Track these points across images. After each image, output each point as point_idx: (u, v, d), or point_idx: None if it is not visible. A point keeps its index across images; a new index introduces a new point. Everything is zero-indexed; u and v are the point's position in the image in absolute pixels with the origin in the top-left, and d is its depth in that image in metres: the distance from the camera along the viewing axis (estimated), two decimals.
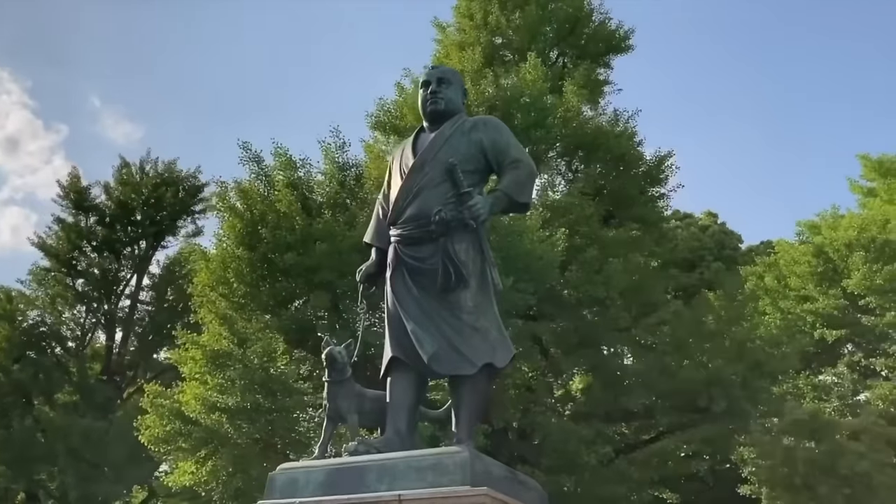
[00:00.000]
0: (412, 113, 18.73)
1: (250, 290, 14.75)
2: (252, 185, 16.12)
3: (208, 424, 13.95)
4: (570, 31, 21.41)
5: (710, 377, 16.41)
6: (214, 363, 14.43)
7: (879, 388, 20.04)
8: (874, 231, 21.51)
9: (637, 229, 18.29)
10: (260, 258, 14.89)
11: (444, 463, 5.24)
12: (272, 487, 5.69)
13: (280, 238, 14.63)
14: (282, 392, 13.99)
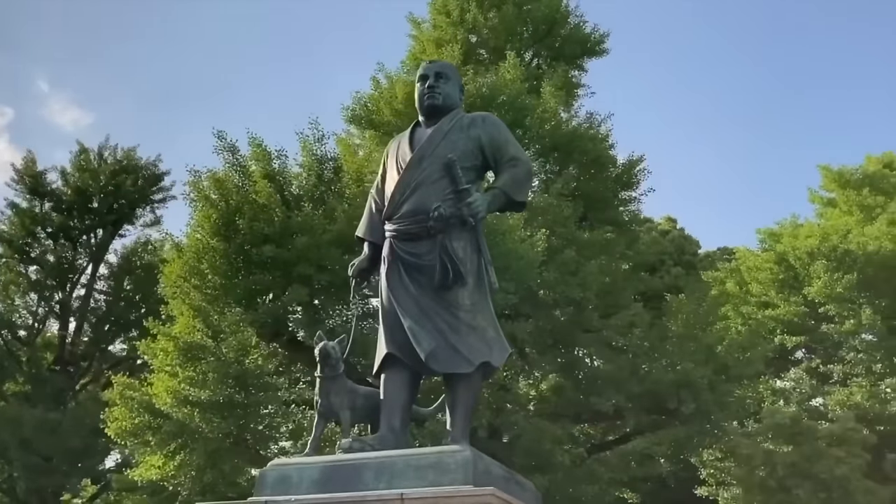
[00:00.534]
0: (388, 108, 18.64)
1: (225, 282, 14.47)
2: (227, 174, 15.83)
3: (179, 418, 13.65)
4: (547, 33, 21.50)
5: (680, 380, 16.63)
6: (186, 356, 14.13)
7: (837, 394, 20.53)
8: (835, 241, 22.04)
9: (611, 232, 18.44)
10: (236, 250, 14.62)
11: (445, 462, 5.15)
12: (263, 484, 5.51)
13: (258, 230, 14.38)
14: (255, 387, 13.75)
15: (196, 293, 14.37)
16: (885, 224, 22.14)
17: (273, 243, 14.21)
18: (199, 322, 13.98)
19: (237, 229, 14.72)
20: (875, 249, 21.58)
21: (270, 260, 14.46)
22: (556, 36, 21.69)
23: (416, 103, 6.46)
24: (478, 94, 18.12)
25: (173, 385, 13.61)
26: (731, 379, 17.53)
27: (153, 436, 14.04)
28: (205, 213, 15.05)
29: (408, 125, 19.48)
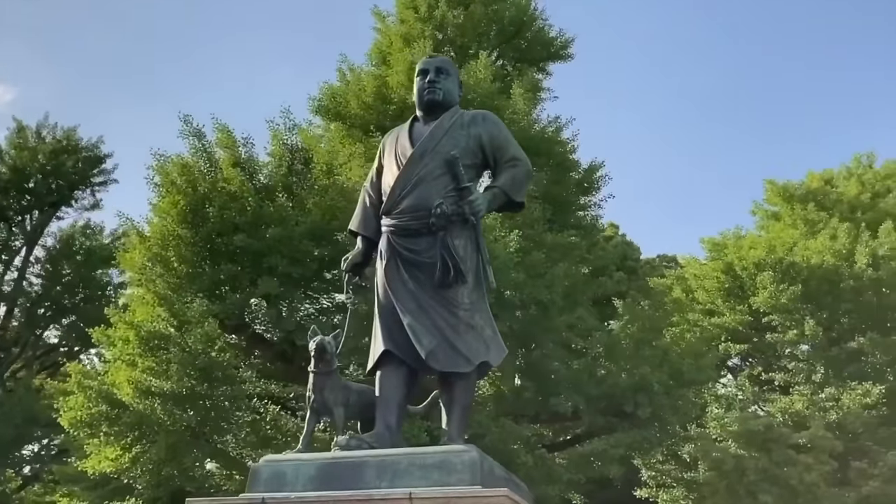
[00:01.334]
0: (356, 100, 18.46)
1: (191, 270, 14.09)
2: (195, 160, 15.42)
3: (140, 409, 13.22)
4: (515, 34, 21.60)
5: (636, 384, 16.92)
6: (147, 345, 13.70)
7: (778, 402, 21.22)
8: (781, 253, 22.76)
9: (574, 235, 18.65)
10: (204, 238, 14.25)
11: (451, 461, 5.10)
12: (256, 480, 5.41)
13: (229, 218, 14.04)
14: (219, 380, 13.41)
15: (161, 281, 13.94)
16: (828, 239, 22.96)
17: (244, 233, 13.89)
18: (163, 311, 13.55)
19: (205, 217, 14.35)
20: (818, 263, 22.36)
21: (239, 250, 14.15)
22: (523, 38, 21.82)
23: (414, 98, 6.44)
24: None
25: (136, 375, 13.16)
26: (685, 384, 17.93)
27: (110, 427, 13.56)
28: (171, 200, 14.61)
29: (376, 119, 19.28)
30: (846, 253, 22.63)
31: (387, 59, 20.44)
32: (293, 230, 13.88)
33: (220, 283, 14.23)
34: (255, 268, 14.15)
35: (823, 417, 19.51)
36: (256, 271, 14.16)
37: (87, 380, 13.70)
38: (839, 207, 25.06)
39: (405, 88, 18.24)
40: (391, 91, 18.34)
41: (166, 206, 14.63)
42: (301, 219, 14.11)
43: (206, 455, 13.93)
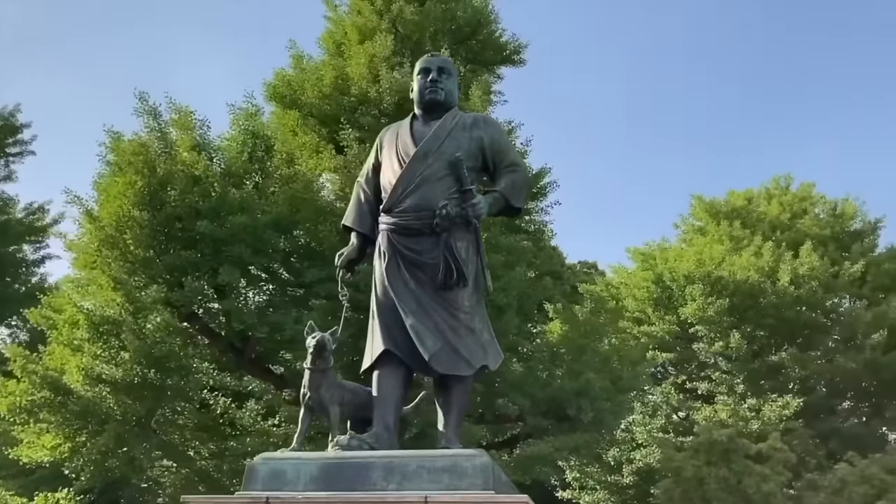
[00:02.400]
0: (314, 90, 18.12)
1: (147, 255, 13.52)
2: (152, 140, 14.80)
3: (89, 397, 12.60)
4: (470, 35, 21.61)
5: (580, 388, 17.25)
6: (98, 330, 13.08)
7: (703, 411, 22.06)
8: (710, 267, 23.64)
9: (526, 239, 18.84)
10: (162, 222, 13.69)
11: (462, 466, 5.10)
12: (253, 478, 5.27)
13: (191, 203, 13.53)
14: (174, 370, 12.93)
15: (116, 265, 13.31)
16: (752, 256, 23.99)
17: (206, 219, 13.42)
18: (119, 296, 12.94)
19: (164, 201, 13.79)
20: (744, 278, 23.35)
21: (200, 237, 13.67)
22: (477, 40, 21.83)
23: (414, 95, 6.40)
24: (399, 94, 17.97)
25: (86, 361, 12.54)
26: (624, 390, 18.40)
27: (52, 414, 12.88)
28: (127, 180, 13.97)
29: (334, 110, 18.93)
30: (769, 270, 23.70)
31: (342, 48, 20.14)
32: (258, 219, 13.50)
33: (177, 269, 13.69)
34: (215, 256, 13.69)
35: (745, 427, 20.40)
36: (217, 259, 13.71)
37: (31, 364, 12.93)
38: (761, 226, 26.20)
39: (366, 81, 18.05)
40: (351, 83, 18.10)
41: (121, 187, 13.96)
42: (267, 208, 13.74)
43: (154, 447, 13.40)
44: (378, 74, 17.91)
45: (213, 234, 13.36)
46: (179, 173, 13.93)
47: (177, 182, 13.73)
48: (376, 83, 17.80)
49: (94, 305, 13.02)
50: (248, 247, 13.49)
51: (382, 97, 17.60)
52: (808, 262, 23.56)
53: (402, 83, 17.99)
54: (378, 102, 17.75)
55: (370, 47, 18.52)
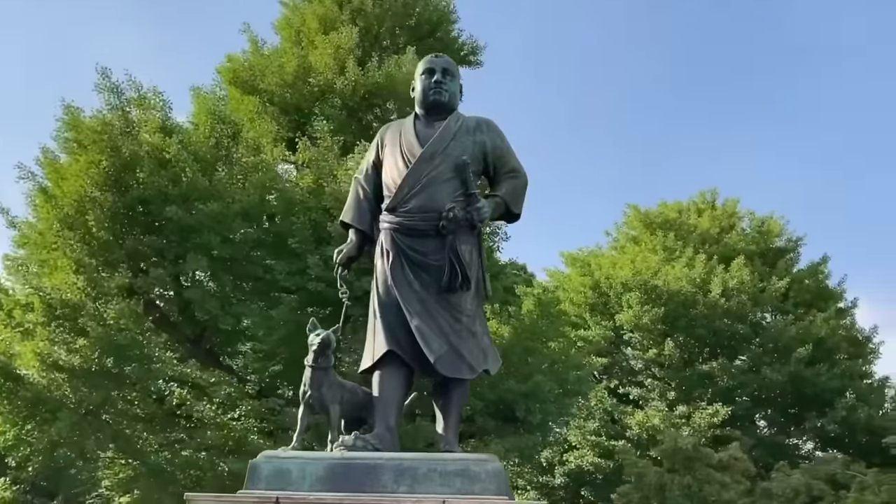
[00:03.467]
0: (276, 77, 17.76)
1: (110, 239, 12.97)
2: (115, 119, 14.20)
3: (44, 384, 12.01)
4: (430, 33, 21.56)
5: (528, 390, 17.47)
6: (53, 313, 12.48)
7: (635, 416, 22.68)
8: (647, 276, 24.29)
9: None
10: (127, 205, 13.16)
11: (474, 470, 5.14)
12: (255, 477, 5.19)
13: (160, 188, 13.05)
14: (135, 358, 12.46)
15: (78, 247, 12.71)
16: (684, 267, 24.77)
17: (175, 205, 12.97)
18: (81, 279, 12.37)
19: (128, 183, 13.26)
20: (677, 289, 24.09)
21: (166, 222, 13.21)
22: (436, 38, 21.80)
23: (416, 95, 6.38)
24: (373, 83, 17.85)
25: (44, 347, 11.93)
26: (570, 394, 18.72)
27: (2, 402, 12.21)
28: (90, 159, 13.36)
29: (296, 99, 18.55)
30: (700, 282, 24.52)
31: (300, 35, 19.80)
32: (230, 207, 13.14)
33: (140, 255, 13.19)
34: (180, 243, 13.26)
35: (677, 434, 21.09)
36: (182, 247, 13.28)
37: None
38: (692, 238, 27.06)
39: (332, 72, 17.81)
40: (316, 73, 17.82)
41: (83, 166, 13.34)
42: (238, 196, 13.38)
43: (108, 438, 12.86)
44: (345, 66, 17.70)
45: (182, 221, 12.92)
46: (145, 155, 13.41)
47: (144, 164, 13.21)
48: (342, 75, 17.59)
49: (51, 288, 12.38)
50: (216, 235, 13.11)
51: (347, 89, 17.41)
52: (738, 276, 24.47)
53: (370, 78, 17.86)
54: (343, 94, 17.55)
55: (336, 38, 18.28)
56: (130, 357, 12.65)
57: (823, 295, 26.54)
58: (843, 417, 22.09)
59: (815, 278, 26.88)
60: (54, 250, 12.83)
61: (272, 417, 13.53)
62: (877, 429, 21.98)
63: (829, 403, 22.75)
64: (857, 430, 22.00)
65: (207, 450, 13.62)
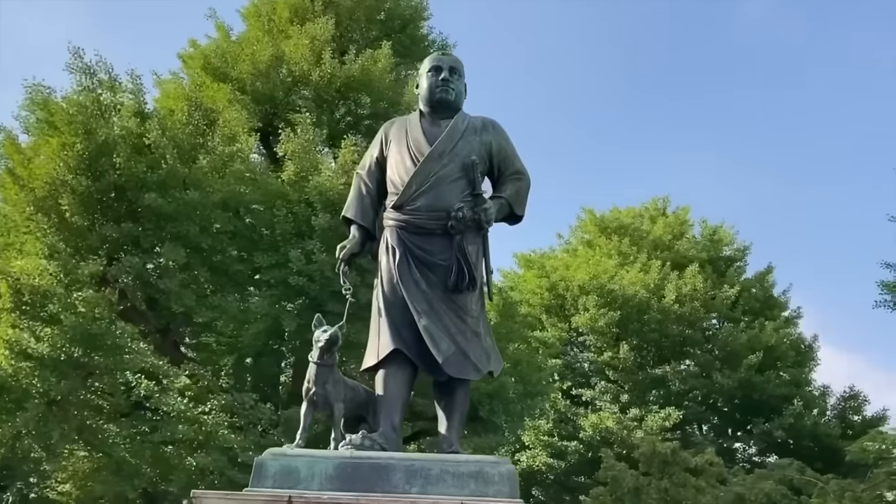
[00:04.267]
0: (249, 65, 17.41)
1: (82, 224, 12.51)
2: (90, 101, 13.70)
3: (10, 373, 11.49)
4: (401, 29, 21.42)
5: (493, 390, 17.54)
6: (21, 299, 11.96)
7: (588, 418, 22.98)
8: (604, 280, 24.62)
9: None
10: (103, 191, 12.70)
11: (488, 472, 5.15)
12: (262, 474, 5.12)
13: (138, 174, 12.62)
14: (107, 348, 12.04)
15: (51, 231, 12.21)
16: (639, 272, 25.19)
17: (154, 192, 12.56)
18: (54, 265, 11.88)
19: (104, 168, 12.79)
20: (632, 293, 24.48)
21: (143, 210, 12.80)
22: (406, 34, 21.68)
23: (422, 92, 6.36)
24: (348, 75, 17.65)
25: (14, 334, 11.42)
26: (532, 394, 18.84)
27: None
28: (62, 141, 12.85)
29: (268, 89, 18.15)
30: (654, 287, 24.96)
31: (271, 24, 19.46)
32: (210, 196, 12.80)
33: (114, 243, 12.75)
34: (156, 231, 12.86)
35: (630, 436, 21.44)
36: (158, 236, 12.89)
37: None
38: (646, 244, 27.52)
39: (308, 63, 17.54)
40: (290, 63, 17.53)
41: (55, 148, 12.83)
42: (217, 186, 13.05)
43: (73, 430, 12.39)
44: (321, 57, 17.46)
45: (161, 209, 12.53)
46: (121, 140, 12.96)
47: (120, 149, 12.76)
48: (318, 66, 17.34)
49: (20, 273, 11.85)
50: (195, 225, 12.76)
51: (323, 81, 17.17)
52: (691, 283, 24.98)
53: (347, 70, 17.65)
54: (318, 86, 17.30)
55: (312, 29, 18.01)
56: (101, 347, 12.23)
57: (770, 304, 27.30)
58: (790, 424, 22.75)
59: (762, 287, 27.61)
60: (25, 234, 12.30)
61: (244, 412, 13.24)
62: (821, 435, 22.72)
63: (776, 410, 23.40)
64: (803, 436, 22.68)
65: (174, 443, 13.28)
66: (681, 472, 14.73)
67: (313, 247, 12.70)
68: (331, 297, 13.19)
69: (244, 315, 13.04)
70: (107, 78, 14.52)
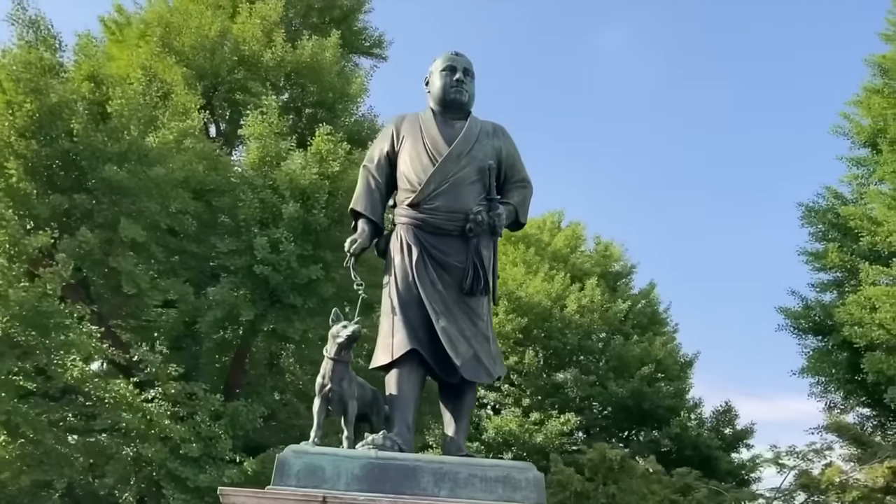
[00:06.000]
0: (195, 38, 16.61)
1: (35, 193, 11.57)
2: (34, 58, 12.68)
3: None
4: (342, 20, 21.06)
5: None
6: None
7: (492, 420, 23.42)
8: (513, 286, 25.15)
9: None
10: (54, 156, 11.79)
11: (515, 478, 5.23)
12: (286, 472, 5.04)
13: (96, 143, 11.79)
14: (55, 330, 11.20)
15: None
16: (541, 281, 25.92)
17: (115, 164, 11.78)
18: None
19: (57, 133, 11.89)
20: (537, 301, 25.13)
21: (99, 182, 11.97)
22: (348, 26, 21.34)
23: (434, 90, 6.36)
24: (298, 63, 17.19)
25: None
26: None
27: None
28: (9, 100, 11.82)
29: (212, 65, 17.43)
30: (556, 297, 25.73)
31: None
32: (174, 173, 12.15)
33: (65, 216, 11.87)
34: (111, 206, 12.08)
35: (530, 439, 22.00)
36: (111, 211, 12.11)
37: None
38: (547, 255, 28.30)
39: (260, 44, 16.98)
40: (239, 42, 16.91)
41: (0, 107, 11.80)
42: (180, 163, 12.40)
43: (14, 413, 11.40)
44: (272, 39, 16.95)
45: (122, 183, 11.78)
46: (77, 105, 12.08)
47: (76, 115, 11.89)
48: (270, 48, 16.82)
49: None
50: (154, 201, 12.08)
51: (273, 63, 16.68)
52: (591, 295, 25.94)
53: (298, 55, 17.18)
54: (267, 68, 16.78)
55: (262, 9, 17.45)
56: (43, 326, 11.37)
57: (655, 319, 28.73)
58: (676, 433, 24.07)
59: (648, 303, 29.04)
60: None
61: (189, 402, 12.66)
62: (701, 445, 24.17)
63: (663, 420, 24.69)
64: (686, 445, 24.03)
65: (109, 432, 12.52)
66: (627, 479, 15.26)
67: (280, 235, 12.33)
68: (292, 288, 12.88)
69: (199, 301, 12.47)
70: (83, 41, 13.55)
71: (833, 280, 19.63)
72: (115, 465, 12.47)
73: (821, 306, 19.34)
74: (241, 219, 12.64)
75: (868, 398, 19.55)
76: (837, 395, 20.32)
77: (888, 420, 20.05)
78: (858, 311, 16.31)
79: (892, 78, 19.72)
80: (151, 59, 14.19)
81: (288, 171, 12.67)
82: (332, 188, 12.78)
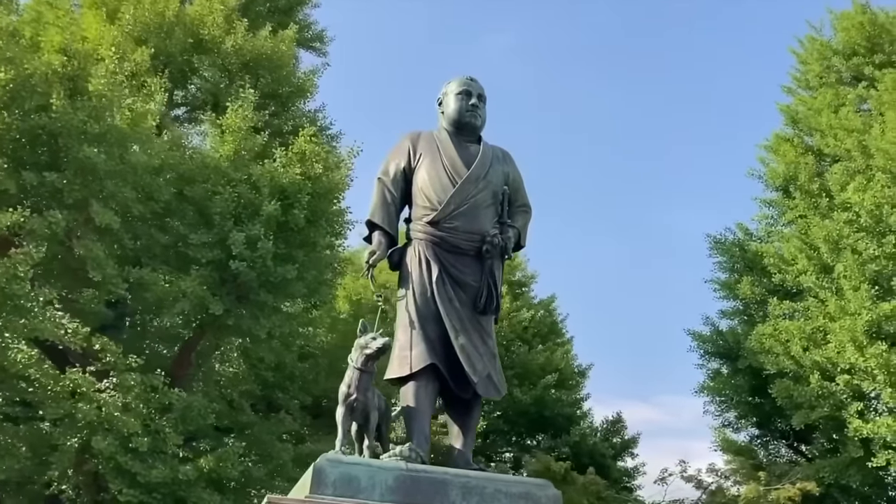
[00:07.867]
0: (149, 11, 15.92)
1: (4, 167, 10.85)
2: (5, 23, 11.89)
3: None
4: (286, 11, 20.66)
5: None
6: None
7: None
8: None
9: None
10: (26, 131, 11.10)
11: (535, 494, 5.51)
12: (321, 481, 5.14)
13: (75, 121, 11.19)
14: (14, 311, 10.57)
15: None
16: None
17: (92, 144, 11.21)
18: None
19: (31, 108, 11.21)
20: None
21: (71, 161, 11.38)
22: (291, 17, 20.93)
23: (448, 111, 6.61)
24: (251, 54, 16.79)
25: None
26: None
27: None
28: None
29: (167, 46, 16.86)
30: None
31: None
32: (151, 159, 11.70)
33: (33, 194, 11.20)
34: (83, 188, 11.51)
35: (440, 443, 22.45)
36: (83, 192, 11.54)
37: None
38: None
39: (221, 30, 16.51)
40: (199, 24, 16.36)
41: None
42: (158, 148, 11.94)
43: None
44: (233, 26, 16.50)
45: (100, 166, 11.24)
46: (55, 80, 11.43)
47: (54, 90, 11.25)
48: (230, 35, 16.37)
49: None
50: (128, 185, 11.59)
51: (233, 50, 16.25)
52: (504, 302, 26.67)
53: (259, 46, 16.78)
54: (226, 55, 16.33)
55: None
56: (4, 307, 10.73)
57: (554, 329, 29.73)
58: (575, 441, 25.06)
59: (548, 313, 30.00)
60: None
61: (148, 395, 12.24)
62: (595, 454, 25.27)
63: (562, 427, 25.63)
64: (583, 452, 25.05)
65: (57, 422, 11.94)
66: (570, 490, 15.79)
67: (259, 232, 12.14)
68: (262, 286, 12.71)
69: (166, 290, 12.07)
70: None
71: (740, 308, 21.07)
72: (61, 457, 11.91)
73: (731, 333, 20.69)
74: (216, 211, 12.33)
75: (759, 420, 21.16)
76: (731, 415, 21.86)
77: (776, 440, 21.76)
78: (769, 342, 17.66)
79: (800, 130, 21.42)
80: (123, 37, 13.49)
81: (270, 168, 12.47)
82: (314, 190, 12.64)
